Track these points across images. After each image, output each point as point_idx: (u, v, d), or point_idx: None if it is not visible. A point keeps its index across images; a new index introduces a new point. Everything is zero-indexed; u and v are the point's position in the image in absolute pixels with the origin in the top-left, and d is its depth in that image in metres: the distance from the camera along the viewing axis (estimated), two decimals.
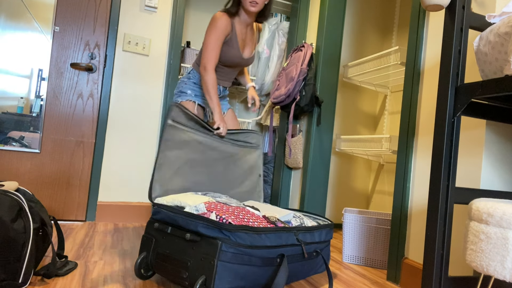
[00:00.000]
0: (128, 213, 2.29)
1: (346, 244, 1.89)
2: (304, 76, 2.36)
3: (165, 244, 1.26)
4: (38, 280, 1.23)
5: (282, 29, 2.90)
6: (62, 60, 2.18)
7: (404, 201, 1.62)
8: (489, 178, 1.29)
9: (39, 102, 2.13)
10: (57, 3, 2.16)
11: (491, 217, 0.88)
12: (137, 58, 2.35)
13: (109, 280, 1.30)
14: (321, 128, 2.38)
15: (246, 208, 1.38)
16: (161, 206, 1.34)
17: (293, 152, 2.49)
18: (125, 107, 2.32)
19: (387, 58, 2.26)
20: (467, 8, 1.05)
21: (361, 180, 2.91)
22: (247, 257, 1.18)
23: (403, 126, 1.68)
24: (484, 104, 1.12)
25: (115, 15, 2.27)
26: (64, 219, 2.18)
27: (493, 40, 0.99)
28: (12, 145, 2.07)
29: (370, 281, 1.60)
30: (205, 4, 3.09)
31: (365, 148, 2.31)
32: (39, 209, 1.25)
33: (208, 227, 1.16)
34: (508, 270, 0.84)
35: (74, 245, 1.68)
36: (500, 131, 1.31)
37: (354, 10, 2.88)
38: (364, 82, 2.69)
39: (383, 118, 2.87)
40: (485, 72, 1.06)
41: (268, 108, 2.90)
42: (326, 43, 2.39)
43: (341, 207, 2.83)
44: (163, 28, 2.42)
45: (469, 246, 0.93)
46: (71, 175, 2.19)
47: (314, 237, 1.47)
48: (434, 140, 1.06)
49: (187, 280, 1.16)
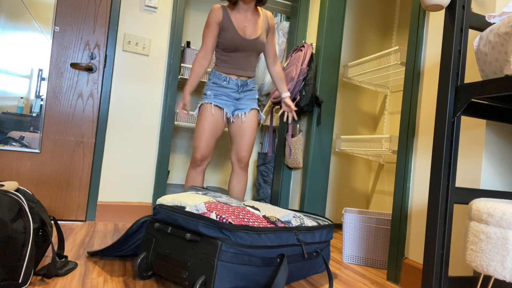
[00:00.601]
0: (128, 213, 2.29)
1: (346, 244, 1.89)
2: (304, 76, 2.36)
3: (165, 244, 1.26)
4: (38, 280, 1.23)
5: (282, 29, 2.90)
6: (62, 60, 2.18)
7: (404, 201, 1.62)
8: (489, 178, 1.29)
9: (39, 102, 2.13)
10: (57, 3, 2.16)
11: (491, 217, 0.88)
12: (137, 58, 2.35)
13: (109, 280, 1.30)
14: (321, 128, 2.38)
15: (246, 208, 1.38)
16: (161, 206, 1.34)
17: (293, 152, 2.49)
18: (125, 107, 2.32)
19: (387, 58, 2.27)
20: (467, 8, 1.05)
21: (361, 180, 2.91)
22: (247, 257, 1.18)
23: (403, 126, 1.68)
24: (484, 104, 1.12)
25: (115, 15, 2.27)
26: (64, 219, 2.18)
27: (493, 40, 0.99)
28: (12, 145, 2.07)
29: (370, 281, 1.60)
30: (205, 4, 3.09)
31: (365, 148, 2.32)
32: (39, 209, 1.25)
33: (208, 227, 1.16)
34: (508, 270, 0.84)
35: (74, 245, 1.68)
36: (500, 131, 1.31)
37: (354, 10, 2.88)
38: (364, 82, 2.69)
39: (383, 118, 2.87)
40: (485, 72, 1.06)
41: (268, 108, 2.90)
42: (326, 43, 2.39)
43: (341, 207, 2.83)
44: (163, 28, 2.42)
45: (469, 246, 0.93)
46: (71, 175, 2.19)
47: (315, 237, 1.47)
48: (434, 140, 1.06)
49: (187, 280, 1.16)
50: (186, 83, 1.85)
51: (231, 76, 1.89)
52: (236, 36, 1.83)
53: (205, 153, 1.88)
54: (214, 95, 1.88)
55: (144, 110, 2.37)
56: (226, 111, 1.89)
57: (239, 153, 1.94)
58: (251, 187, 3.23)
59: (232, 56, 1.87)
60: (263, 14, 1.95)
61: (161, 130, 2.39)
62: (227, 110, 1.89)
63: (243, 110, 1.92)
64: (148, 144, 2.38)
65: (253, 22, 1.89)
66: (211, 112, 1.86)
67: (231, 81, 1.88)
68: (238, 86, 1.90)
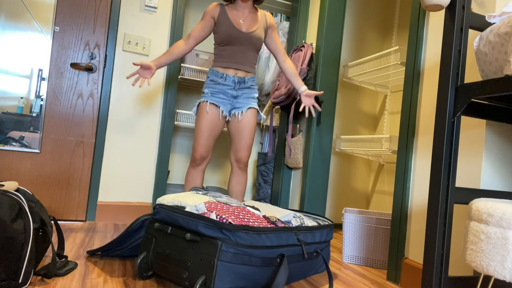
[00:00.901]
0: (128, 213, 2.29)
1: (346, 244, 1.89)
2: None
3: (165, 244, 1.26)
4: (38, 280, 1.23)
5: (282, 29, 2.90)
6: (62, 60, 2.18)
7: (404, 201, 1.62)
8: (489, 178, 1.29)
9: (39, 102, 2.13)
10: (57, 3, 2.16)
11: (491, 217, 0.88)
12: (137, 58, 2.35)
13: (109, 280, 1.30)
14: (321, 128, 2.38)
15: (246, 208, 1.38)
16: (161, 206, 1.34)
17: (293, 152, 2.49)
18: (125, 107, 2.32)
19: (387, 58, 2.27)
20: (467, 8, 1.05)
21: (361, 180, 2.91)
22: (247, 257, 1.18)
23: (403, 126, 1.68)
24: (484, 104, 1.12)
25: (115, 15, 2.27)
26: (64, 219, 2.18)
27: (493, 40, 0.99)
28: (12, 145, 2.07)
29: (370, 281, 1.60)
30: (205, 4, 3.09)
31: (365, 148, 2.32)
32: (39, 209, 1.25)
33: (209, 227, 1.16)
34: (508, 270, 0.84)
35: (74, 245, 1.68)
36: (500, 131, 1.31)
37: (354, 10, 2.88)
38: (364, 82, 2.68)
39: (383, 118, 2.87)
40: (485, 72, 1.06)
41: (268, 108, 2.90)
42: (326, 43, 2.39)
43: (341, 207, 2.83)
44: (163, 28, 2.42)
45: (469, 246, 0.93)
46: (71, 175, 2.19)
47: (315, 237, 1.47)
48: (434, 140, 1.06)
49: (187, 280, 1.16)
50: (158, 57, 1.91)
51: (228, 72, 1.89)
52: (231, 28, 1.85)
53: (204, 153, 1.88)
54: (211, 93, 1.89)
55: (144, 110, 2.37)
56: (222, 109, 1.89)
57: (237, 153, 1.94)
58: (251, 187, 3.23)
59: (228, 49, 1.88)
60: (262, 13, 1.96)
61: (161, 130, 2.39)
62: (223, 109, 1.89)
63: (240, 109, 1.92)
64: (148, 144, 2.38)
65: (250, 19, 1.90)
66: (206, 109, 1.87)
67: (227, 78, 1.88)
68: (235, 83, 1.89)
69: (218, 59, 1.91)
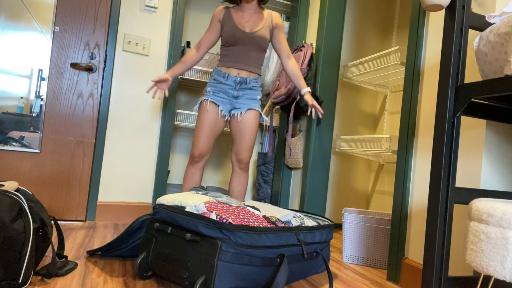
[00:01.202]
0: (128, 213, 2.29)
1: (346, 244, 1.89)
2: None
3: (165, 244, 1.26)
4: (38, 280, 1.23)
5: None
6: (62, 60, 2.18)
7: (404, 201, 1.62)
8: (489, 178, 1.29)
9: (39, 102, 2.13)
10: (57, 3, 2.16)
11: (491, 217, 0.88)
12: (137, 58, 2.35)
13: (109, 280, 1.30)
14: (321, 128, 2.38)
15: (246, 208, 1.38)
16: (161, 206, 1.34)
17: (293, 152, 2.49)
18: (125, 107, 2.32)
19: (387, 58, 2.27)
20: (467, 8, 1.05)
21: (361, 180, 2.91)
22: (247, 257, 1.18)
23: (403, 126, 1.68)
24: (484, 104, 1.12)
25: (115, 15, 2.27)
26: (64, 219, 2.18)
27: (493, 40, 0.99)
28: (12, 145, 2.07)
29: (370, 281, 1.60)
30: (205, 4, 3.09)
31: (365, 148, 2.32)
32: (39, 209, 1.25)
33: (209, 227, 1.16)
34: (508, 270, 0.84)
35: (74, 245, 1.68)
36: (500, 131, 1.31)
37: (354, 10, 2.88)
38: (364, 82, 2.68)
39: (383, 118, 2.87)
40: (485, 72, 1.06)
41: (268, 108, 2.90)
42: (326, 43, 2.39)
43: (341, 207, 2.83)
44: (163, 28, 2.42)
45: (469, 246, 0.93)
46: (71, 175, 2.19)
47: (315, 237, 1.47)
48: (434, 140, 1.06)
49: (187, 280, 1.16)
50: (173, 67, 1.98)
51: (230, 72, 1.89)
52: (234, 29, 1.87)
53: (203, 150, 1.89)
54: (213, 92, 1.91)
55: (144, 110, 2.37)
56: (221, 108, 1.89)
57: (238, 154, 1.94)
58: (251, 187, 3.23)
59: (232, 50, 1.90)
60: (268, 14, 1.96)
61: (161, 130, 2.39)
62: (222, 108, 1.90)
63: (239, 109, 1.92)
64: (148, 144, 2.38)
65: (255, 19, 1.91)
66: (206, 107, 1.89)
67: (229, 78, 1.88)
68: (236, 83, 1.89)
69: (222, 59, 1.93)
